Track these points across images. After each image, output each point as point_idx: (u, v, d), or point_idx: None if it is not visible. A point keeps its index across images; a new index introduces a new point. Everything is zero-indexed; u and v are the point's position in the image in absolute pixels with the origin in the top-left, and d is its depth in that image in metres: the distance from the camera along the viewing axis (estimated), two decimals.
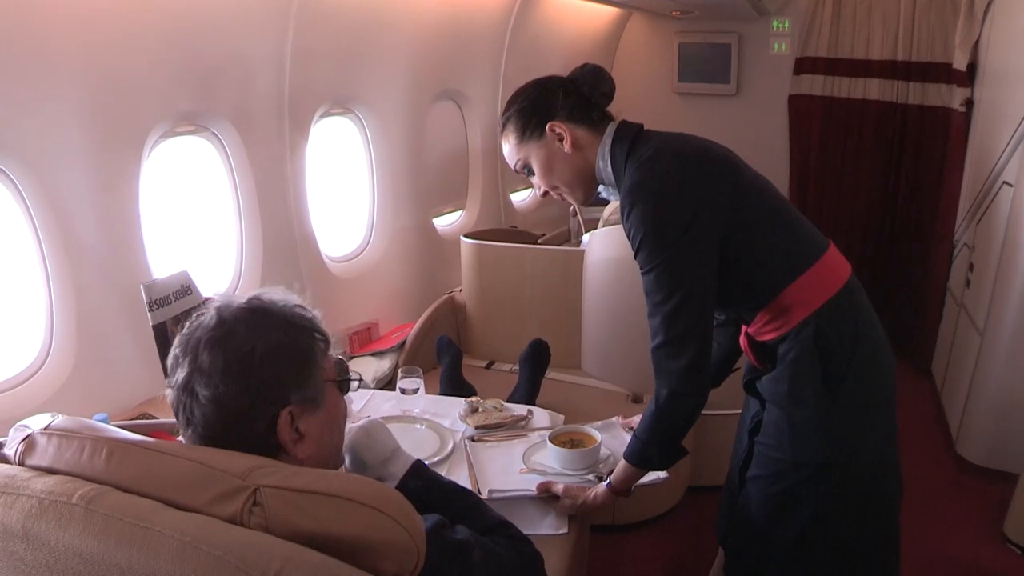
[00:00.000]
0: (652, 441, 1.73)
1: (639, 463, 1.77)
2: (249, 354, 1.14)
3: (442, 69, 3.74)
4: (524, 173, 1.85)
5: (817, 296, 1.70)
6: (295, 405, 1.17)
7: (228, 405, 1.13)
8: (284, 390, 1.17)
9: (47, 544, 0.97)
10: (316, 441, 1.21)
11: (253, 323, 1.17)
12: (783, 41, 4.99)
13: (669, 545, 3.04)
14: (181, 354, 1.16)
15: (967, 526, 3.18)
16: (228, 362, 1.13)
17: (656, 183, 1.65)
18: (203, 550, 0.91)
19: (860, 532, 1.82)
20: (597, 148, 1.77)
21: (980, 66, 4.15)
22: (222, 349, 1.13)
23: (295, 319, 1.22)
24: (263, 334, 1.16)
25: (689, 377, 1.66)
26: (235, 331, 1.15)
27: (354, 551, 0.98)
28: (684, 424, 1.74)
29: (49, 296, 2.21)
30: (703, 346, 1.66)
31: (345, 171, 3.46)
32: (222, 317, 1.17)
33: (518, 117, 1.80)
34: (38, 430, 1.11)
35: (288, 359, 1.18)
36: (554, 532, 1.82)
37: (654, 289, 1.65)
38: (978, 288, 3.67)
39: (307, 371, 1.20)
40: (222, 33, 2.50)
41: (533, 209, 4.82)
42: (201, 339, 1.15)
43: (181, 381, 1.14)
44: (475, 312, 3.39)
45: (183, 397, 1.14)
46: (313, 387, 1.21)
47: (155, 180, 2.49)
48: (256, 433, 1.15)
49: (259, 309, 1.20)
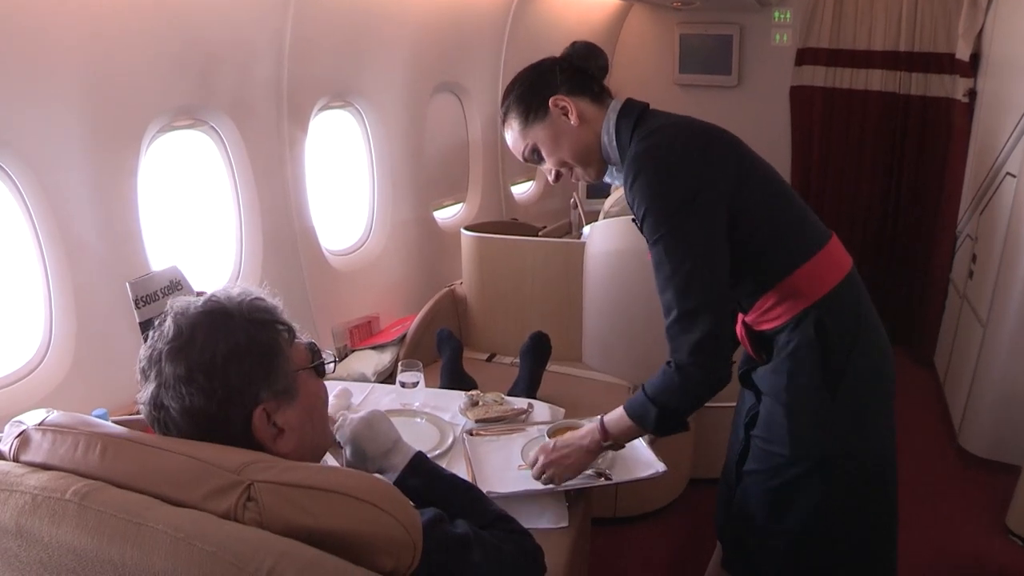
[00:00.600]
0: (655, 402, 1.69)
1: (635, 417, 1.74)
2: (211, 360, 1.13)
3: (442, 61, 3.72)
4: (533, 159, 1.82)
5: (818, 286, 1.68)
6: (268, 401, 1.16)
7: (198, 414, 1.12)
8: (253, 389, 1.15)
9: (41, 540, 0.97)
10: (297, 432, 1.21)
11: (211, 327, 1.15)
12: (785, 32, 4.97)
13: (670, 537, 3.04)
14: (147, 367, 1.15)
15: (969, 518, 3.17)
16: (191, 371, 1.12)
17: (662, 151, 1.62)
18: (196, 546, 0.91)
19: (859, 527, 1.80)
20: (602, 121, 1.75)
21: (983, 56, 4.13)
22: (184, 359, 1.12)
23: (254, 314, 1.20)
24: (223, 337, 1.15)
25: (704, 351, 1.61)
26: (194, 339, 1.14)
27: (350, 546, 0.97)
28: (693, 396, 1.70)
29: (48, 292, 2.20)
30: (717, 318, 1.61)
31: (345, 164, 3.44)
32: (179, 326, 1.15)
33: (519, 102, 1.78)
34: (33, 426, 1.11)
35: (252, 357, 1.16)
36: (555, 526, 1.82)
37: (663, 260, 1.61)
38: (981, 279, 3.66)
39: (274, 365, 1.19)
40: (220, 26, 2.49)
41: (534, 201, 4.81)
42: (162, 351, 1.14)
43: (150, 396, 1.14)
44: (476, 305, 3.38)
45: (155, 412, 1.14)
46: (284, 380, 1.19)
47: (154, 175, 2.48)
48: (234, 435, 1.13)
49: (216, 311, 1.18)
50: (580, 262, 3.12)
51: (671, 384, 1.66)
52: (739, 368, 1.92)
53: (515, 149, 1.83)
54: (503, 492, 1.81)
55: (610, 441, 1.80)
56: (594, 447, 1.81)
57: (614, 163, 1.77)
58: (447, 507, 1.34)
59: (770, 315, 1.74)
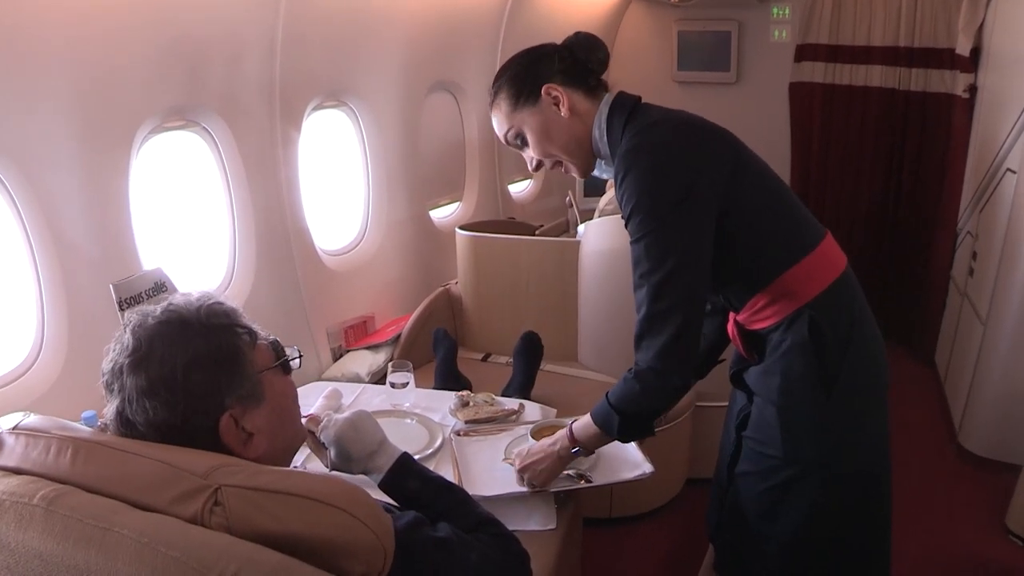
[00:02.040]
0: (618, 410, 1.67)
1: (600, 425, 1.72)
2: (171, 373, 1.11)
3: (437, 60, 3.71)
4: (515, 144, 1.78)
5: (812, 286, 1.66)
6: (234, 407, 1.15)
7: (163, 427, 1.10)
8: (217, 397, 1.14)
9: (7, 546, 0.97)
10: (268, 435, 1.19)
11: (169, 337, 1.13)
12: (783, 28, 4.94)
13: (667, 538, 3.02)
14: (110, 381, 1.13)
15: (969, 517, 3.16)
16: (152, 384, 1.10)
17: (654, 148, 1.60)
18: (161, 551, 0.90)
19: (853, 529, 1.79)
20: (594, 115, 1.72)
21: (984, 51, 4.11)
22: (144, 372, 1.11)
23: (212, 319, 1.18)
24: (181, 346, 1.13)
25: (669, 354, 1.58)
26: (152, 351, 1.12)
27: (318, 551, 0.97)
28: (657, 405, 1.68)
29: (39, 294, 2.19)
30: (689, 323, 1.58)
31: (339, 164, 3.44)
32: (138, 339, 1.13)
33: (511, 83, 1.74)
34: (6, 430, 1.10)
35: (213, 365, 1.14)
36: (543, 528, 1.81)
37: (642, 258, 1.58)
38: (981, 277, 3.64)
39: (236, 370, 1.17)
40: (211, 25, 2.48)
41: (531, 200, 4.80)
42: (123, 365, 1.12)
43: (115, 411, 1.12)
44: (471, 304, 3.38)
45: (122, 428, 1.12)
46: (248, 384, 1.18)
47: (146, 176, 2.47)
48: (203, 444, 1.12)
49: (173, 320, 1.15)
50: (575, 261, 3.12)
51: (631, 391, 1.64)
52: (730, 368, 1.90)
53: (499, 130, 1.79)
54: (488, 495, 1.81)
55: (578, 448, 1.78)
56: (564, 453, 1.80)
57: (604, 157, 1.74)
58: (432, 509, 1.33)
59: (763, 314, 1.71)
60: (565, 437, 1.78)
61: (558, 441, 1.79)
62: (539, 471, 1.81)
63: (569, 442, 1.78)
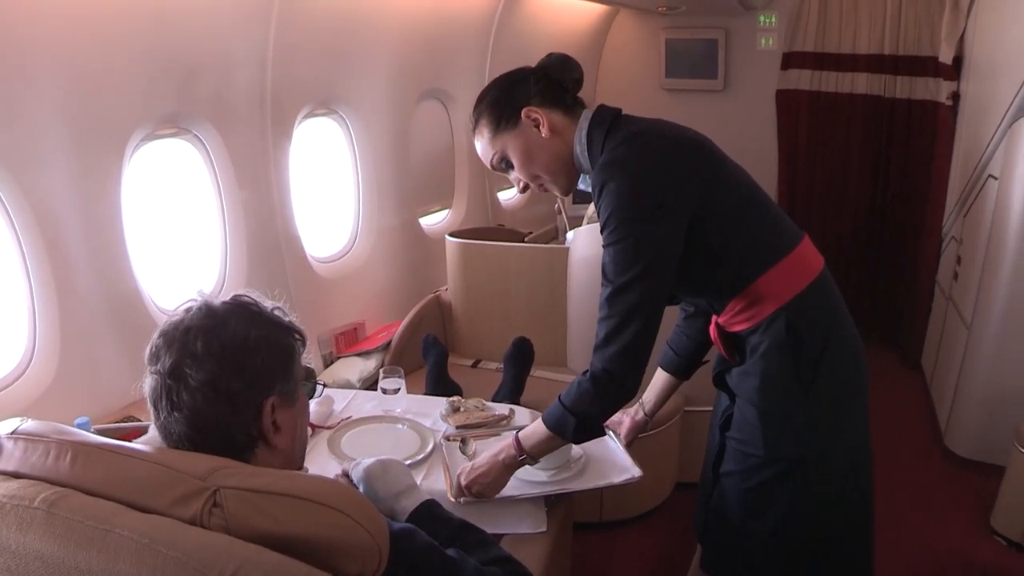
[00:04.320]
0: (572, 412, 1.70)
1: (554, 428, 1.73)
2: (244, 341, 1.18)
3: (427, 69, 3.74)
4: (501, 168, 1.82)
5: (789, 288, 1.70)
6: (277, 396, 1.21)
7: (222, 388, 1.15)
8: (271, 380, 1.21)
9: (8, 548, 0.98)
10: (290, 435, 1.25)
11: (242, 316, 1.21)
12: (770, 36, 4.99)
13: (657, 541, 3.04)
14: (166, 343, 1.17)
15: (955, 518, 3.19)
16: (224, 348, 1.16)
17: (631, 160, 1.64)
18: (162, 552, 0.92)
19: (835, 527, 1.82)
20: (574, 132, 1.75)
21: (966, 60, 4.17)
22: (216, 337, 1.17)
23: (277, 318, 1.27)
24: (254, 326, 1.21)
25: (625, 359, 1.63)
26: (227, 322, 1.19)
27: (315, 552, 0.99)
28: (609, 406, 1.72)
29: (32, 301, 2.20)
30: (646, 329, 1.63)
31: (330, 171, 3.45)
32: (212, 308, 1.21)
33: (491, 109, 1.77)
34: (5, 435, 1.12)
35: (276, 352, 1.23)
36: (533, 531, 1.82)
37: (610, 262, 1.63)
38: (965, 281, 3.68)
39: (289, 367, 1.25)
40: (203, 34, 2.50)
41: (520, 207, 4.82)
42: (192, 327, 1.17)
43: (169, 366, 1.16)
44: (461, 311, 3.40)
45: (170, 382, 1.16)
46: (292, 383, 1.25)
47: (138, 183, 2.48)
48: (241, 420, 1.17)
49: (245, 305, 1.24)
50: (564, 267, 3.14)
51: (586, 394, 1.68)
52: (713, 370, 1.93)
53: (483, 156, 1.83)
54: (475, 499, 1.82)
55: (524, 455, 1.79)
56: (510, 462, 1.81)
57: (586, 171, 1.77)
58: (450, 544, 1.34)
59: (741, 317, 1.75)
60: (511, 446, 1.80)
61: (503, 451, 1.80)
62: (486, 484, 1.81)
63: (516, 451, 1.79)
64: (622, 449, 2.04)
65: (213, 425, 1.16)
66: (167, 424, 1.17)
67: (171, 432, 1.17)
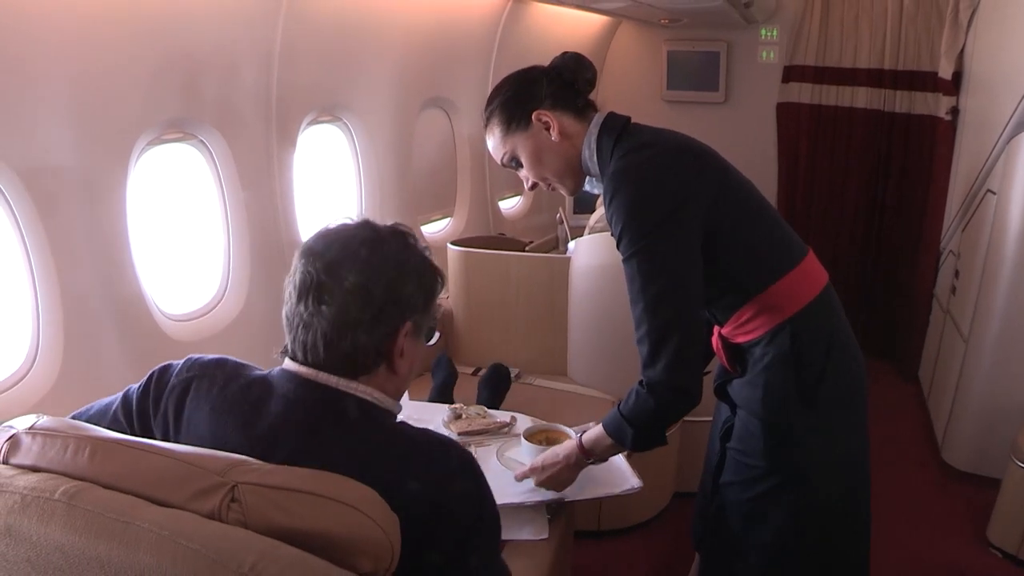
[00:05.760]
0: (631, 423, 1.69)
1: (613, 436, 1.74)
2: (403, 262, 1.25)
3: (430, 77, 3.76)
4: (511, 166, 1.83)
5: (794, 301, 1.71)
6: (412, 324, 1.26)
7: (374, 297, 1.20)
8: (414, 306, 1.26)
9: (29, 539, 0.99)
10: (409, 364, 1.29)
11: (402, 243, 1.28)
12: (771, 49, 5.03)
13: (654, 550, 3.05)
14: (327, 242, 1.24)
15: (952, 531, 3.20)
16: (385, 260, 1.23)
17: (641, 169, 1.65)
18: (181, 544, 0.93)
19: (833, 539, 1.83)
20: (584, 136, 1.76)
21: (965, 75, 4.20)
22: (379, 249, 1.23)
23: (429, 256, 1.33)
24: (411, 255, 1.28)
25: (674, 369, 1.61)
26: (389, 241, 1.25)
27: (330, 547, 1.00)
28: (667, 416, 1.71)
29: (36, 301, 2.21)
30: (688, 336, 1.62)
31: (333, 178, 3.47)
32: (374, 226, 1.27)
33: (503, 109, 1.78)
34: (23, 430, 1.13)
35: (424, 283, 1.29)
36: (535, 538, 1.83)
37: (635, 275, 1.62)
38: (963, 295, 3.70)
39: (431, 301, 1.31)
40: (209, 41, 2.51)
41: (521, 216, 4.84)
42: (357, 236, 1.24)
43: (327, 262, 1.20)
44: (462, 319, 3.41)
45: (324, 278, 1.19)
46: (428, 319, 1.30)
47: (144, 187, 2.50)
48: (379, 334, 1.22)
49: (404, 234, 1.30)
50: (565, 277, 3.15)
51: (646, 406, 1.66)
52: (714, 380, 1.94)
53: (494, 153, 1.84)
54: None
55: (593, 459, 1.82)
56: (579, 463, 1.83)
57: (594, 175, 1.79)
58: None
59: (746, 328, 1.76)
60: (575, 449, 1.80)
61: (572, 455, 1.81)
62: (560, 481, 1.84)
63: (581, 453, 1.80)
64: (622, 459, 2.04)
65: (353, 330, 1.19)
66: (307, 322, 1.20)
67: (307, 329, 1.20)
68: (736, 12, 4.27)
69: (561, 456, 1.82)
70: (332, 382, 1.22)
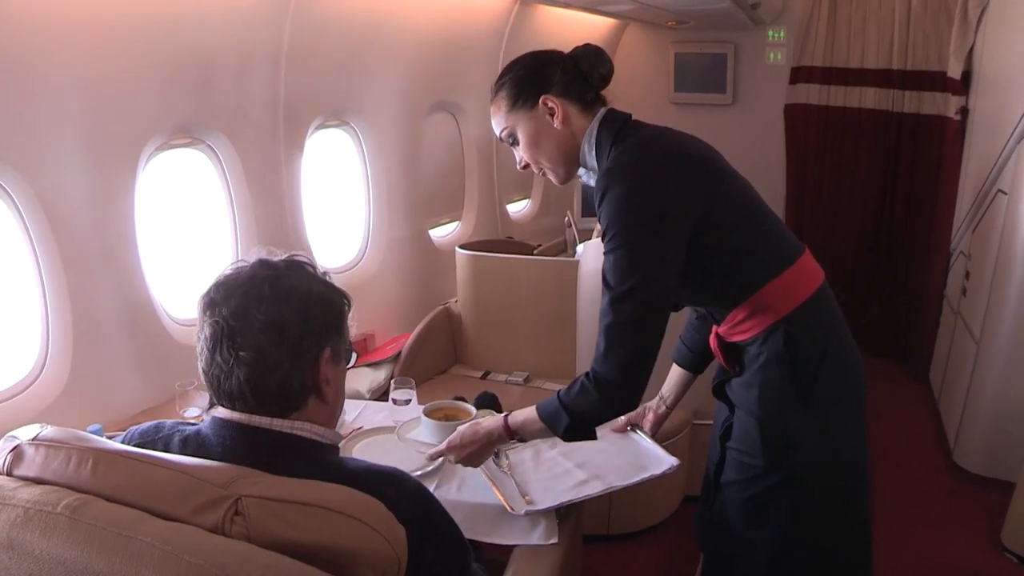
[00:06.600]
0: (569, 412, 1.70)
1: (546, 421, 1.74)
2: (307, 292, 1.24)
3: (438, 81, 3.76)
4: (508, 142, 1.83)
5: (788, 301, 1.71)
6: (330, 350, 1.25)
7: (287, 331, 1.19)
8: (328, 332, 1.26)
9: (31, 553, 0.99)
10: (335, 392, 1.29)
11: (301, 273, 1.27)
12: (779, 51, 5.01)
13: (664, 554, 3.03)
14: (227, 291, 1.21)
15: (965, 535, 3.17)
16: (289, 294, 1.21)
17: (634, 169, 1.65)
18: (184, 559, 0.92)
19: (833, 537, 1.83)
20: (585, 129, 1.76)
21: (975, 74, 4.17)
22: (281, 285, 1.22)
23: (330, 280, 1.32)
24: (313, 283, 1.27)
25: (629, 368, 1.63)
26: (288, 275, 1.24)
27: (335, 560, 0.99)
28: (606, 412, 1.72)
29: (45, 308, 2.22)
30: (649, 337, 1.63)
31: (341, 182, 3.47)
32: (271, 263, 1.25)
33: (512, 85, 1.78)
34: (26, 441, 1.12)
35: (332, 308, 1.28)
36: (544, 542, 1.82)
37: (611, 270, 1.63)
38: (974, 296, 3.68)
39: (341, 326, 1.30)
40: (217, 46, 2.52)
41: (529, 220, 4.84)
42: (256, 275, 1.22)
43: (233, 309, 1.19)
44: (470, 323, 3.40)
45: (233, 324, 1.18)
46: (342, 343, 1.30)
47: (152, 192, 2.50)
48: (300, 367, 1.22)
49: (301, 264, 1.29)
50: (574, 280, 3.14)
51: (589, 398, 1.67)
52: (713, 380, 1.95)
53: (495, 127, 1.84)
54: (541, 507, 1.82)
55: (515, 439, 1.83)
56: (500, 440, 1.83)
57: (592, 169, 1.79)
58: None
59: (741, 327, 1.76)
60: (500, 428, 1.81)
61: (495, 432, 1.81)
62: (478, 458, 1.85)
63: (505, 432, 1.81)
64: (652, 442, 2.04)
65: (274, 369, 1.19)
66: (226, 371, 1.19)
67: (228, 378, 1.19)
68: (743, 13, 4.26)
69: (482, 434, 1.82)
70: (266, 423, 1.21)
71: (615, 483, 1.91)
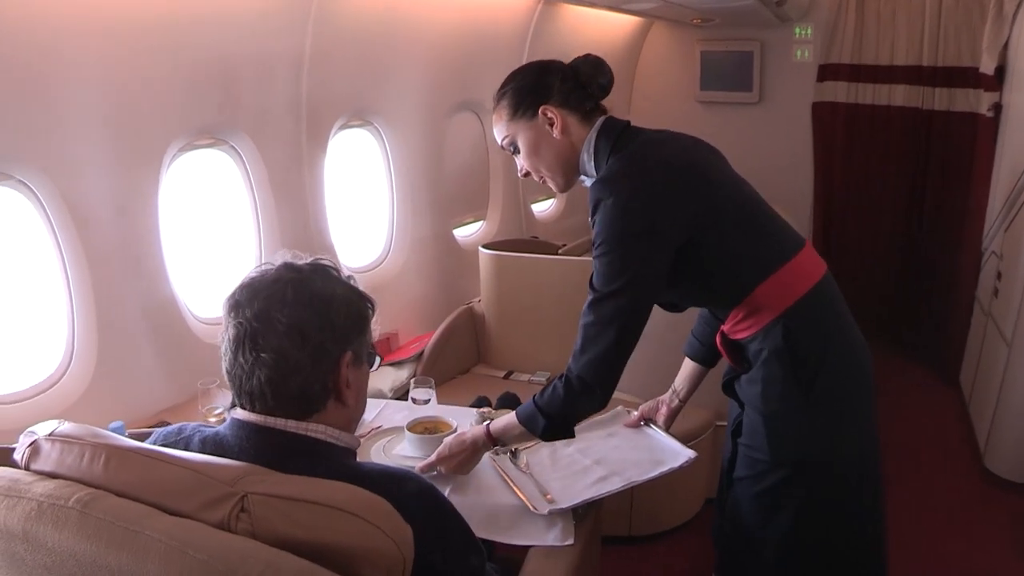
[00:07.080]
0: (544, 413, 1.75)
1: (525, 424, 1.79)
2: (331, 296, 1.26)
3: (461, 80, 3.76)
4: (509, 150, 1.87)
5: (785, 297, 1.73)
6: (351, 353, 1.27)
7: (309, 335, 1.21)
8: (349, 336, 1.27)
9: (45, 546, 1.01)
10: (355, 393, 1.30)
11: (325, 276, 1.29)
12: (806, 48, 4.96)
13: (686, 557, 3.01)
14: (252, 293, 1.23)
15: (994, 541, 3.12)
16: (312, 297, 1.23)
17: (626, 181, 1.69)
18: (189, 554, 0.94)
19: (843, 531, 1.84)
20: (585, 139, 1.80)
21: (1009, 69, 4.08)
22: (305, 288, 1.23)
23: (354, 284, 1.34)
24: (336, 286, 1.29)
25: (598, 369, 1.69)
26: (312, 278, 1.26)
27: (340, 559, 1.00)
28: (579, 413, 1.79)
29: (70, 307, 2.25)
30: (623, 341, 1.69)
31: (364, 182, 3.49)
32: (296, 266, 1.27)
33: (513, 95, 1.82)
34: (43, 436, 1.14)
35: (355, 312, 1.30)
36: (560, 544, 1.81)
37: (598, 274, 1.69)
38: (1006, 298, 3.61)
39: (364, 328, 1.32)
40: (240, 46, 2.54)
41: (554, 220, 4.83)
42: (280, 278, 1.24)
43: (256, 311, 1.20)
44: (494, 322, 3.40)
45: (256, 325, 1.20)
46: (364, 347, 1.32)
47: (176, 192, 2.53)
48: (320, 370, 1.23)
49: (326, 268, 1.31)
50: None
51: (558, 397, 1.73)
52: (723, 377, 1.97)
53: (497, 135, 1.89)
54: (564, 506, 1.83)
55: (498, 445, 1.89)
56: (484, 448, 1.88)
57: (590, 176, 1.83)
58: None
59: (742, 325, 1.80)
60: (483, 436, 1.86)
61: (479, 440, 1.87)
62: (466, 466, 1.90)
63: (488, 439, 1.86)
64: (667, 436, 2.07)
65: (295, 371, 1.20)
66: (248, 371, 1.21)
67: (250, 378, 1.21)
68: (769, 10, 4.22)
69: (468, 443, 1.87)
70: (282, 425, 1.23)
71: (634, 478, 1.92)
